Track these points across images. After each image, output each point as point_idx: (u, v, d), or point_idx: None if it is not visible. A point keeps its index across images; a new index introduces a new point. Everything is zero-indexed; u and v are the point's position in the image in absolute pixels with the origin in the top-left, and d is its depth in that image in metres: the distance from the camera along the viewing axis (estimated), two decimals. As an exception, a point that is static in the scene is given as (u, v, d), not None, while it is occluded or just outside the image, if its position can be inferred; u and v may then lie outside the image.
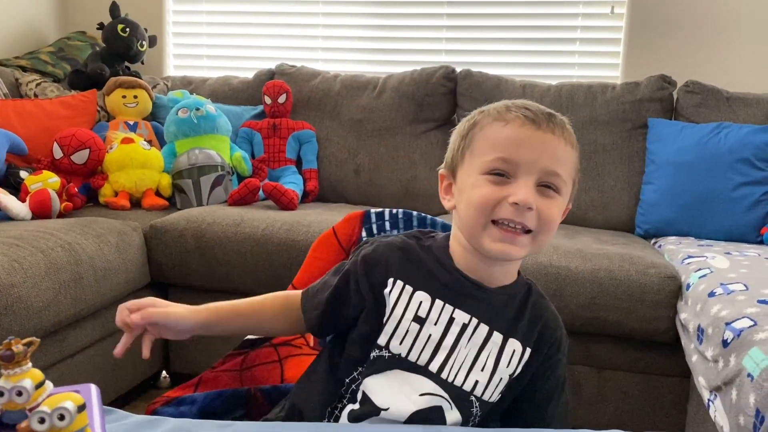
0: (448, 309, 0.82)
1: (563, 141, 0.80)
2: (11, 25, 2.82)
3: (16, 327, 1.43)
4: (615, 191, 2.30)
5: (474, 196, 0.79)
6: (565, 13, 2.70)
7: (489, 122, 0.81)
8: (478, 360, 0.82)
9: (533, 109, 0.80)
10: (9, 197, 1.89)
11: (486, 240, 0.79)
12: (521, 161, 0.77)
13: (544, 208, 0.78)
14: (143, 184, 2.17)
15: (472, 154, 0.81)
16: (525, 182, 0.77)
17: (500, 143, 0.79)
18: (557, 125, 0.80)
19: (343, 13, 2.92)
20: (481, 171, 0.79)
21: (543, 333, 0.85)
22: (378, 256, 0.85)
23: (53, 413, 0.46)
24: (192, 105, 2.31)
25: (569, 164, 0.81)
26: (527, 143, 0.78)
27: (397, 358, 0.81)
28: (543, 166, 0.77)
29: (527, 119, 0.79)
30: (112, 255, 1.77)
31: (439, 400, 0.81)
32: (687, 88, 2.36)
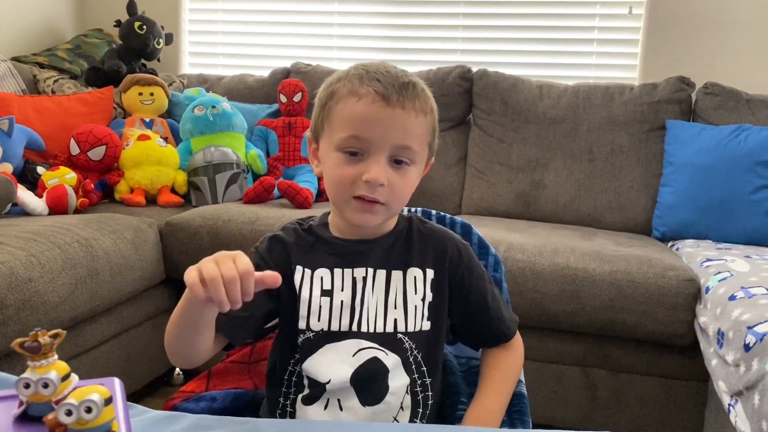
0: (348, 272, 0.88)
1: (413, 113, 0.83)
2: (29, 22, 2.84)
3: (33, 321, 1.44)
4: (632, 193, 2.28)
5: (333, 174, 0.84)
6: (582, 14, 2.68)
7: (344, 95, 0.83)
8: (388, 301, 0.87)
9: (386, 80, 0.82)
10: (26, 192, 1.90)
11: (348, 211, 0.85)
12: (372, 139, 0.81)
13: (395, 182, 0.83)
14: (159, 181, 2.17)
15: (330, 126, 0.85)
16: (376, 159, 0.82)
17: (352, 121, 0.82)
18: (408, 97, 0.82)
19: (358, 12, 2.92)
20: (337, 147, 0.83)
21: (437, 251, 0.91)
22: (279, 247, 0.89)
23: (80, 406, 0.46)
24: (208, 103, 2.31)
25: (422, 133, 0.85)
26: (378, 121, 0.81)
27: (321, 333, 0.86)
28: (393, 142, 0.82)
29: (378, 95, 0.81)
30: (128, 251, 1.77)
31: (372, 351, 0.85)
32: (706, 89, 2.33)
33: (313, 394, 0.86)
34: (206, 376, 1.05)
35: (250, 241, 1.89)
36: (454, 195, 2.45)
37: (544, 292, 1.71)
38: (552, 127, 2.38)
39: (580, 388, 1.78)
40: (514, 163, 2.39)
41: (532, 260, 1.73)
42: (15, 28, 2.75)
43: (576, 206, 2.30)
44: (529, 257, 1.74)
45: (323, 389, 0.84)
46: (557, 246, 1.79)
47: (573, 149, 2.34)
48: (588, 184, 2.31)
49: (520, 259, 1.74)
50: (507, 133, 2.41)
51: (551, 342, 1.78)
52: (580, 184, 2.32)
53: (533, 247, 1.78)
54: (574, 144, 2.35)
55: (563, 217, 2.31)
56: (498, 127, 2.43)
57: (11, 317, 1.38)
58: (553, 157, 2.35)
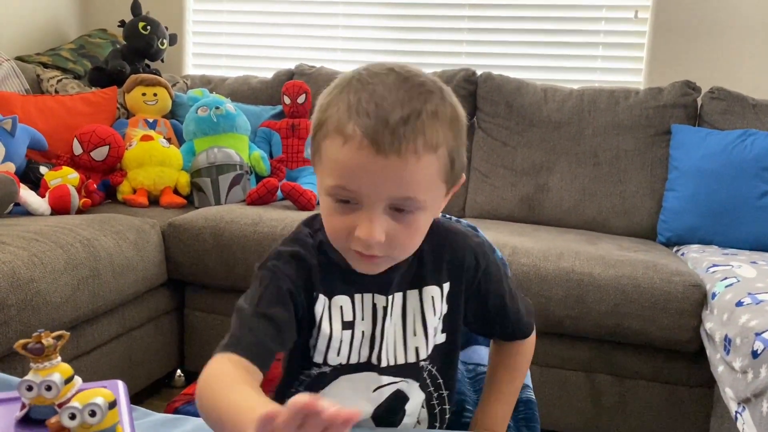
0: (368, 298, 0.78)
1: (414, 158, 0.66)
2: (33, 22, 2.84)
3: (35, 322, 1.43)
4: (637, 197, 2.27)
5: (326, 222, 0.73)
6: (588, 17, 2.67)
7: (331, 131, 0.68)
8: (407, 329, 0.80)
9: (378, 115, 0.65)
10: (29, 192, 1.89)
11: (350, 259, 0.74)
12: (362, 192, 0.67)
13: (397, 234, 0.69)
14: (162, 182, 2.17)
15: (321, 163, 0.71)
16: (369, 215, 0.67)
17: (339, 169, 0.67)
18: (406, 139, 0.65)
19: (363, 14, 2.91)
20: (327, 192, 0.70)
21: (453, 262, 0.81)
22: (303, 272, 0.77)
23: (84, 409, 0.45)
24: (212, 104, 2.31)
25: (428, 176, 0.69)
26: (366, 173, 0.66)
27: (339, 367, 0.78)
28: (389, 194, 0.67)
29: (366, 137, 0.64)
30: (130, 252, 1.76)
31: (393, 386, 0.80)
32: (712, 94, 2.32)
33: None
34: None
35: (253, 243, 1.88)
36: (457, 198, 2.44)
37: (548, 296, 1.70)
38: (557, 130, 2.36)
39: (585, 394, 1.77)
40: (518, 167, 2.37)
41: (537, 264, 1.72)
42: (19, 28, 2.75)
43: (580, 210, 2.29)
44: (534, 261, 1.73)
45: None
46: (562, 250, 1.78)
47: (578, 153, 2.33)
48: (593, 188, 2.30)
49: (525, 263, 1.73)
50: (511, 136, 2.40)
51: (556, 347, 1.76)
52: (585, 188, 2.30)
53: (538, 251, 1.76)
54: (579, 148, 2.34)
55: (568, 221, 2.30)
56: (502, 131, 2.42)
57: (13, 317, 1.37)
58: (557, 160, 2.34)
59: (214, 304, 2.01)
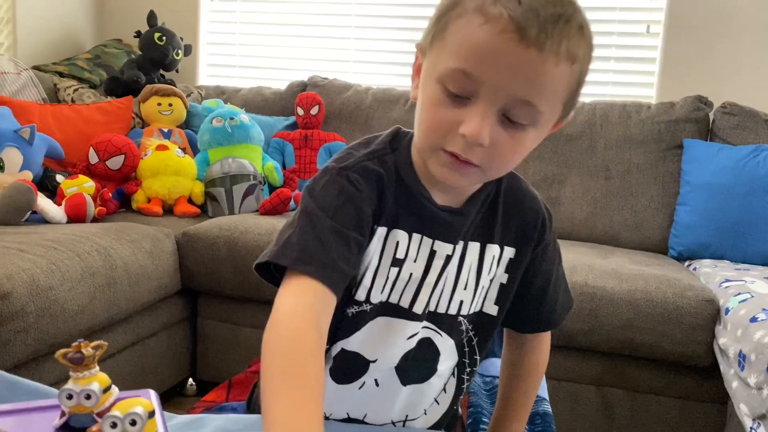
0: (427, 242, 0.73)
1: (554, 59, 0.60)
2: (50, 32, 2.87)
3: (52, 329, 1.44)
4: (649, 212, 2.27)
5: (425, 113, 0.66)
6: (600, 31, 2.68)
7: (469, 10, 0.62)
8: (459, 280, 0.75)
9: (530, 3, 0.59)
10: (46, 200, 1.91)
11: (433, 163, 0.67)
12: (485, 81, 0.61)
13: (501, 144, 0.63)
14: (176, 191, 2.18)
15: (442, 45, 0.65)
16: (483, 110, 0.61)
17: (468, 49, 0.61)
18: (553, 36, 0.59)
19: (375, 27, 2.93)
20: (439, 78, 0.63)
21: (522, 227, 0.77)
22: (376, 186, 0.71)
23: (125, 418, 0.46)
24: (226, 114, 2.33)
25: (557, 88, 0.63)
26: (500, 59, 0.60)
27: (379, 306, 0.73)
28: (512, 92, 0.61)
29: (512, 22, 0.58)
30: (145, 261, 1.78)
31: (426, 332, 0.76)
32: (724, 109, 2.33)
33: (351, 370, 0.75)
34: (227, 386, 1.06)
35: (267, 252, 1.89)
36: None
37: (561, 309, 1.70)
38: (569, 143, 2.37)
39: (597, 408, 1.77)
40: (530, 179, 2.35)
41: (550, 277, 1.72)
42: (36, 37, 2.78)
43: (592, 223, 2.29)
44: (547, 274, 1.73)
45: (366, 368, 0.75)
46: (575, 264, 1.79)
47: (590, 166, 2.34)
48: (604, 201, 2.30)
49: (538, 276, 1.73)
50: (523, 149, 2.41)
51: (568, 360, 1.76)
52: (597, 201, 2.31)
53: (551, 265, 1.77)
54: (591, 161, 2.34)
55: (579, 234, 2.30)
56: (514, 143, 2.43)
57: (32, 325, 1.38)
58: (569, 173, 2.35)
59: (226, 313, 2.02)
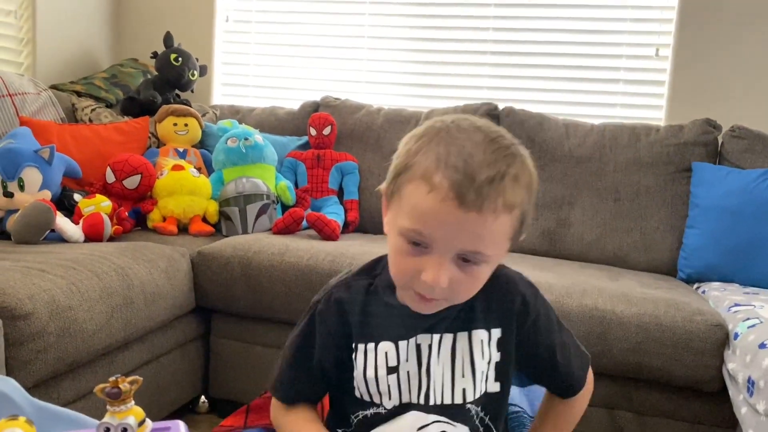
0: (412, 342, 0.82)
1: (492, 216, 0.70)
2: (67, 51, 2.93)
3: (71, 349, 1.47)
4: (657, 234, 2.29)
5: (394, 260, 0.78)
6: (609, 54, 2.72)
7: (416, 177, 0.72)
8: (455, 370, 0.82)
9: (466, 170, 0.69)
10: (64, 219, 1.95)
11: (406, 297, 0.79)
12: (436, 239, 0.72)
13: (460, 281, 0.74)
14: (191, 211, 2.22)
15: (399, 204, 0.75)
16: (438, 260, 0.72)
17: (419, 214, 0.72)
18: (488, 198, 0.69)
19: (387, 48, 2.97)
20: (400, 233, 0.74)
21: (502, 307, 0.84)
22: (340, 319, 0.85)
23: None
24: (241, 135, 2.37)
25: (500, 235, 0.73)
26: (445, 223, 0.70)
27: (393, 409, 0.82)
28: (461, 246, 0.72)
29: (452, 190, 0.69)
30: (161, 280, 1.81)
31: (440, 426, 0.81)
32: (733, 132, 2.35)
33: None
34: (244, 411, 1.08)
35: (280, 272, 1.92)
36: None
37: (571, 332, 1.71)
38: (578, 165, 2.40)
39: (606, 431, 1.78)
40: (539, 201, 2.41)
41: (561, 301, 1.74)
42: (54, 57, 2.84)
43: (601, 245, 2.31)
44: (558, 297, 1.75)
45: None
46: (585, 287, 1.80)
47: (599, 188, 2.36)
48: (613, 223, 2.32)
49: (548, 300, 1.73)
50: (533, 170, 2.44)
51: (577, 383, 1.78)
52: (606, 223, 2.33)
53: (561, 287, 1.79)
54: (600, 183, 2.37)
55: (588, 256, 2.32)
56: (524, 165, 2.45)
57: (51, 345, 1.41)
58: (579, 195, 2.37)
59: (239, 332, 2.05)
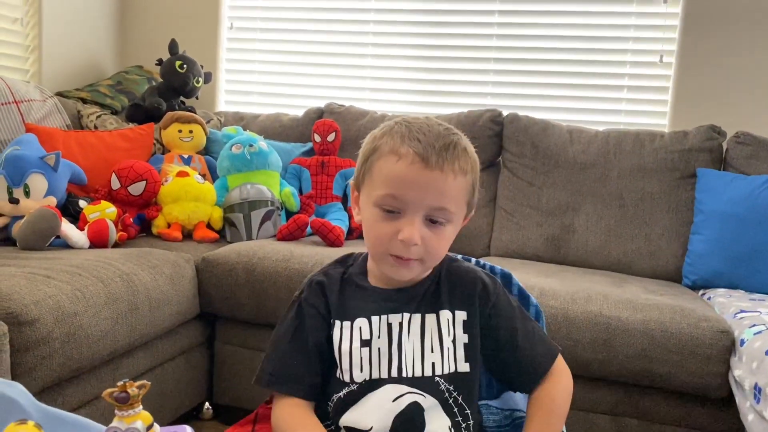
0: (384, 319, 0.91)
1: (452, 175, 0.85)
2: (73, 58, 2.94)
3: (77, 355, 1.47)
4: (662, 240, 2.28)
5: (370, 230, 0.88)
6: (613, 61, 2.72)
7: (385, 152, 0.86)
8: (425, 345, 0.90)
9: (426, 140, 0.84)
10: (69, 226, 1.95)
11: (385, 266, 0.89)
12: (408, 200, 0.84)
13: (430, 240, 0.86)
14: (196, 217, 2.22)
15: (371, 180, 0.88)
16: (411, 220, 0.85)
17: (391, 180, 0.85)
18: (447, 159, 0.84)
19: (391, 55, 2.98)
20: (375, 203, 0.86)
21: (464, 291, 0.94)
22: (321, 301, 0.94)
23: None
24: (246, 141, 2.37)
25: (459, 194, 0.87)
26: (414, 183, 0.84)
27: (364, 383, 0.89)
28: (429, 203, 0.85)
29: (417, 156, 0.83)
30: (166, 286, 1.81)
31: (411, 396, 0.87)
32: (737, 139, 2.34)
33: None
34: (252, 420, 1.07)
35: (284, 278, 1.92)
36: (483, 236, 2.47)
37: (576, 339, 1.71)
38: (582, 172, 2.40)
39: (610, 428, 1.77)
40: (543, 207, 2.40)
41: (566, 307, 1.74)
42: (60, 64, 2.86)
43: (606, 252, 2.31)
44: (562, 304, 1.75)
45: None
46: (590, 293, 1.80)
47: (603, 195, 2.36)
48: (618, 230, 2.32)
49: (553, 306, 1.75)
50: (537, 176, 2.44)
51: (583, 390, 1.77)
52: (610, 229, 2.33)
53: (566, 293, 1.79)
54: (605, 189, 2.36)
55: (593, 262, 2.31)
56: (528, 171, 2.46)
57: (57, 350, 1.41)
58: (583, 201, 2.37)
59: (243, 338, 2.05)
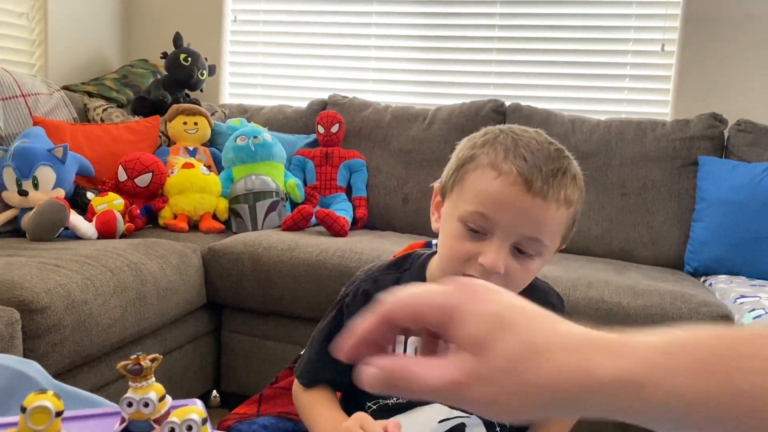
0: None
1: (555, 205, 0.75)
2: (78, 53, 2.97)
3: (87, 342, 1.50)
4: (664, 228, 2.30)
5: (449, 245, 0.79)
6: (615, 50, 2.73)
7: (483, 165, 0.76)
8: None
9: (534, 160, 0.74)
10: (77, 217, 1.98)
11: None
12: (500, 223, 0.75)
13: (513, 272, 0.76)
14: (201, 208, 2.25)
15: (461, 191, 0.79)
16: (498, 245, 0.75)
17: (484, 197, 0.75)
18: (554, 186, 0.74)
19: (393, 47, 3.00)
20: (460, 218, 0.77)
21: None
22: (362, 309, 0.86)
23: (182, 424, 0.51)
24: (250, 133, 2.40)
25: (558, 227, 0.78)
26: (511, 206, 0.74)
27: (405, 400, 0.82)
28: (522, 232, 0.75)
29: (520, 176, 0.73)
30: (173, 276, 1.84)
31: (458, 420, 0.83)
32: (739, 126, 2.35)
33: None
34: (257, 400, 1.10)
35: (290, 267, 1.95)
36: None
37: (578, 325, 1.73)
38: (584, 161, 2.37)
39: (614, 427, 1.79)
40: (546, 196, 2.42)
41: (567, 293, 1.76)
42: (66, 58, 2.88)
43: (608, 240, 2.33)
44: (564, 290, 1.77)
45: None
46: (591, 279, 1.82)
47: (605, 183, 2.38)
48: (620, 218, 2.34)
49: (555, 292, 1.77)
50: (539, 166, 2.45)
51: (584, 375, 1.79)
52: (612, 217, 2.34)
53: (567, 280, 1.81)
54: (606, 178, 2.38)
55: (595, 251, 2.33)
56: (530, 160, 2.47)
57: (67, 338, 1.44)
58: (585, 190, 2.38)
59: (250, 327, 2.08)
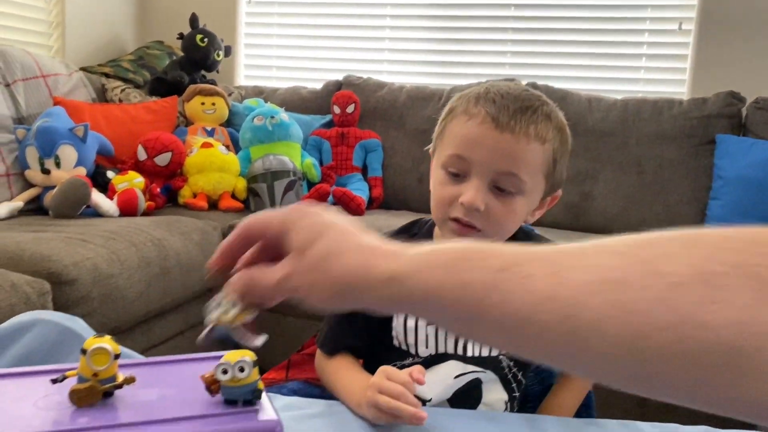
0: None
1: (525, 139, 0.78)
2: (96, 35, 2.98)
3: (113, 314, 1.53)
4: (681, 206, 2.30)
5: (433, 192, 0.84)
6: (632, 29, 2.72)
7: (458, 113, 0.82)
8: None
9: (503, 102, 0.78)
10: (99, 195, 2.01)
11: (445, 231, 0.84)
12: (474, 161, 0.79)
13: (494, 209, 0.79)
14: (221, 187, 2.27)
15: (442, 142, 0.84)
16: (476, 184, 0.78)
17: (459, 140, 0.80)
18: (521, 122, 0.77)
19: (408, 27, 2.99)
20: (442, 165, 0.82)
21: None
22: None
23: (235, 366, 0.53)
24: (267, 113, 2.41)
25: (533, 162, 0.80)
26: (482, 144, 0.78)
27: (429, 358, 0.86)
28: (496, 167, 0.78)
29: (488, 116, 0.78)
30: (195, 252, 1.87)
31: (473, 375, 0.86)
32: (757, 104, 2.34)
33: None
34: (286, 366, 1.12)
35: (309, 245, 1.96)
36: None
37: (596, 299, 1.74)
38: (601, 139, 2.41)
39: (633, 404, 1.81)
40: (562, 175, 2.42)
41: (585, 268, 1.77)
42: (83, 40, 2.90)
43: (625, 218, 2.33)
44: (582, 265, 1.78)
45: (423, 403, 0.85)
46: (609, 255, 1.83)
47: (622, 162, 2.38)
48: (637, 196, 2.34)
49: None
50: (556, 145, 2.46)
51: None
52: (629, 196, 2.34)
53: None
54: (623, 157, 2.38)
55: (612, 229, 2.34)
56: (547, 140, 2.47)
57: (96, 309, 1.47)
58: (602, 169, 2.39)
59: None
